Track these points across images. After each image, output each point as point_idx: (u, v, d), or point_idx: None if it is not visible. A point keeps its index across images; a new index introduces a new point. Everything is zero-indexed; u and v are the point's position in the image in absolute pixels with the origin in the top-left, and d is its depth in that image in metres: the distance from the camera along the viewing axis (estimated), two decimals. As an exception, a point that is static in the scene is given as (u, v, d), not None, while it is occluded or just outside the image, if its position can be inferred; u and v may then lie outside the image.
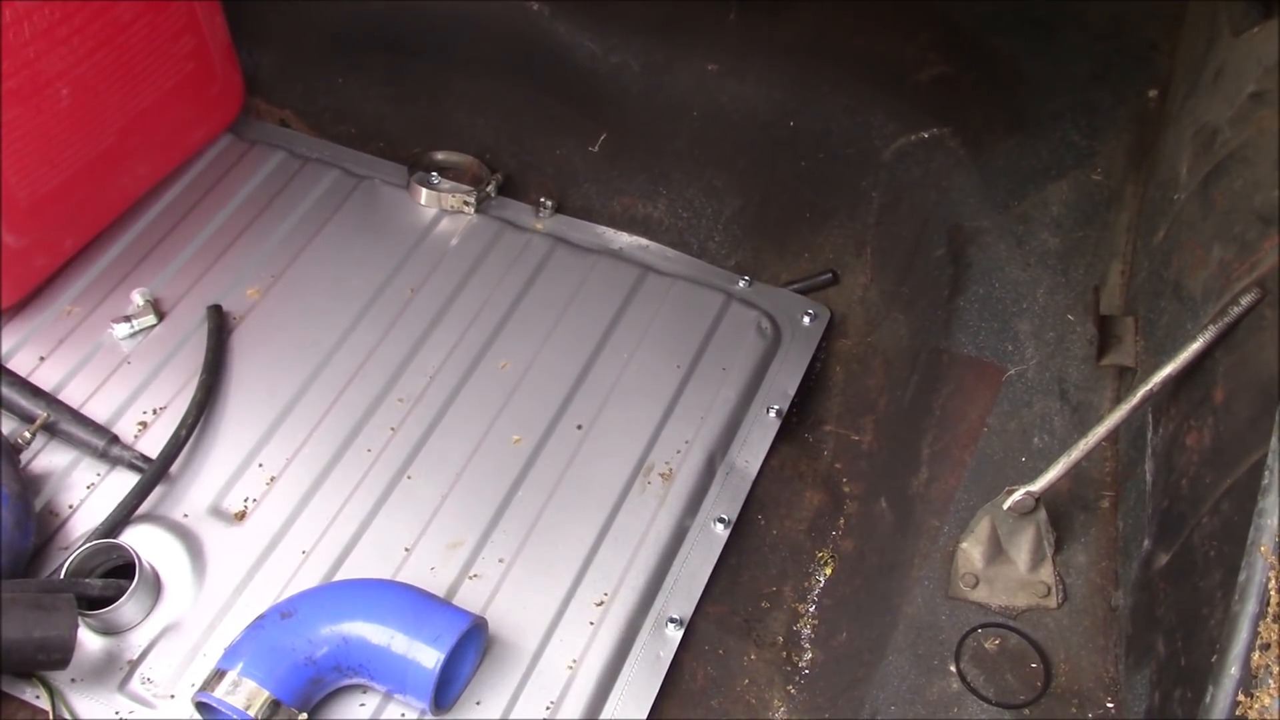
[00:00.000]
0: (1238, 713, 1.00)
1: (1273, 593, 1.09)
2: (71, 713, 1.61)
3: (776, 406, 1.98)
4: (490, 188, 2.24)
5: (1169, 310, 1.63)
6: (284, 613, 1.58)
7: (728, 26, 2.11)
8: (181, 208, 2.19)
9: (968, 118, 2.05)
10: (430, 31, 2.30)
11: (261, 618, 1.60)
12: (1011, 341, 1.85)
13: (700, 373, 2.01)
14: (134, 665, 1.66)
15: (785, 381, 2.02)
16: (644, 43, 2.15)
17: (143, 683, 1.64)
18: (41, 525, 1.77)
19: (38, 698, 1.62)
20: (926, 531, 1.77)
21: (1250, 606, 1.06)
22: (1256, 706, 0.99)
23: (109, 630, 1.68)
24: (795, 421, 2.02)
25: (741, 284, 2.15)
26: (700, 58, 2.13)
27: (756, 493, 1.91)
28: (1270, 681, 0.99)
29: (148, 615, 1.70)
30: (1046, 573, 1.68)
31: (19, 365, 1.95)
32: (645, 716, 1.66)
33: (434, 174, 2.27)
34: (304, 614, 1.58)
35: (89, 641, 1.68)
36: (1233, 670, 1.06)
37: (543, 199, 2.24)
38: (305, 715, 1.52)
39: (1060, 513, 1.73)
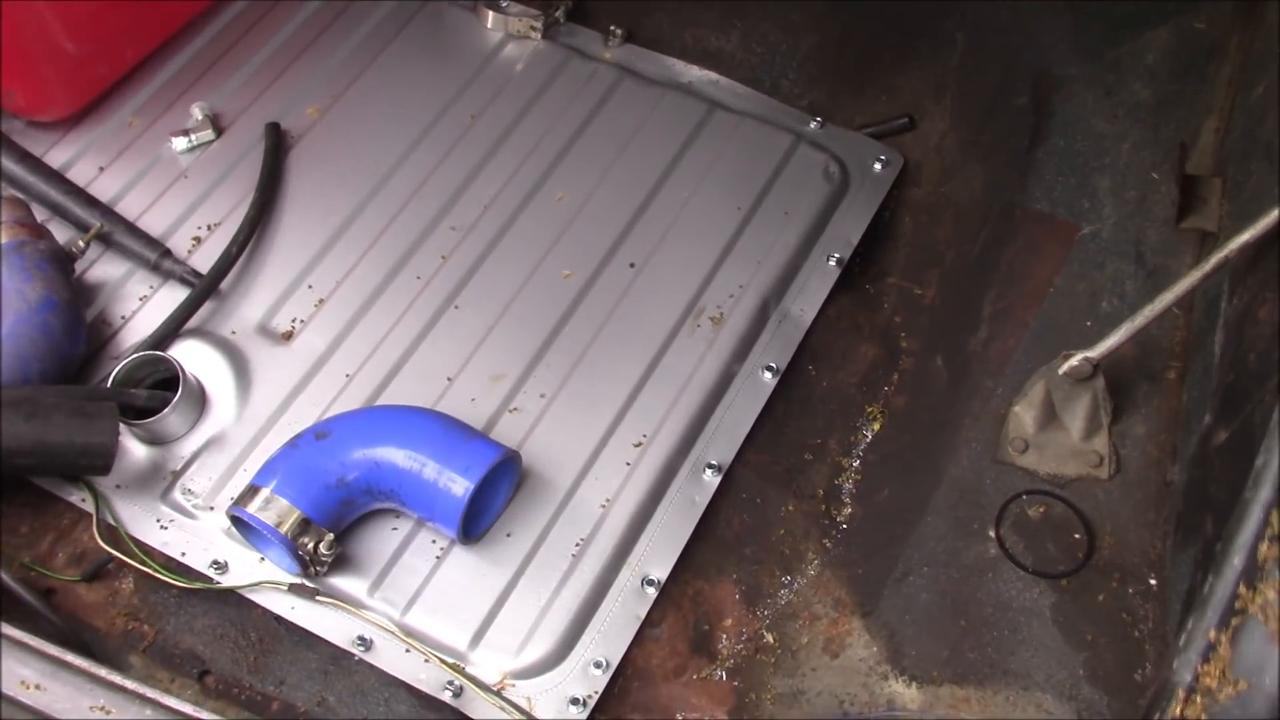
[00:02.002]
0: (1237, 605, 0.95)
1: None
2: (115, 517, 1.65)
3: (838, 255, 1.91)
4: (559, 13, 2.16)
5: (1258, 173, 1.52)
6: (319, 433, 1.59)
7: None
8: (245, 22, 2.15)
9: (1067, -45, 1.91)
10: None
11: (297, 437, 1.61)
12: (1089, 198, 1.75)
13: (761, 216, 1.94)
14: (177, 476, 1.69)
15: (849, 229, 1.94)
16: None
17: (183, 493, 1.67)
18: (93, 334, 1.79)
19: (83, 500, 1.66)
20: (980, 392, 1.72)
21: (1265, 493, 0.99)
22: (1259, 601, 0.93)
23: (154, 440, 1.71)
24: (857, 271, 1.95)
25: (813, 125, 2.05)
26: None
27: (809, 342, 1.86)
28: (1277, 574, 0.92)
29: (192, 428, 1.72)
30: (1100, 442, 1.62)
31: (78, 175, 1.95)
32: (675, 558, 1.65)
33: (502, -2, 2.20)
34: (339, 436, 1.59)
35: (134, 450, 1.71)
36: (1236, 560, 1.00)
37: (613, 27, 2.15)
38: (332, 535, 1.53)
39: (1123, 381, 1.66)
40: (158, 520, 1.66)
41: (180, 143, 1.98)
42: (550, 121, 2.04)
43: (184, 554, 1.63)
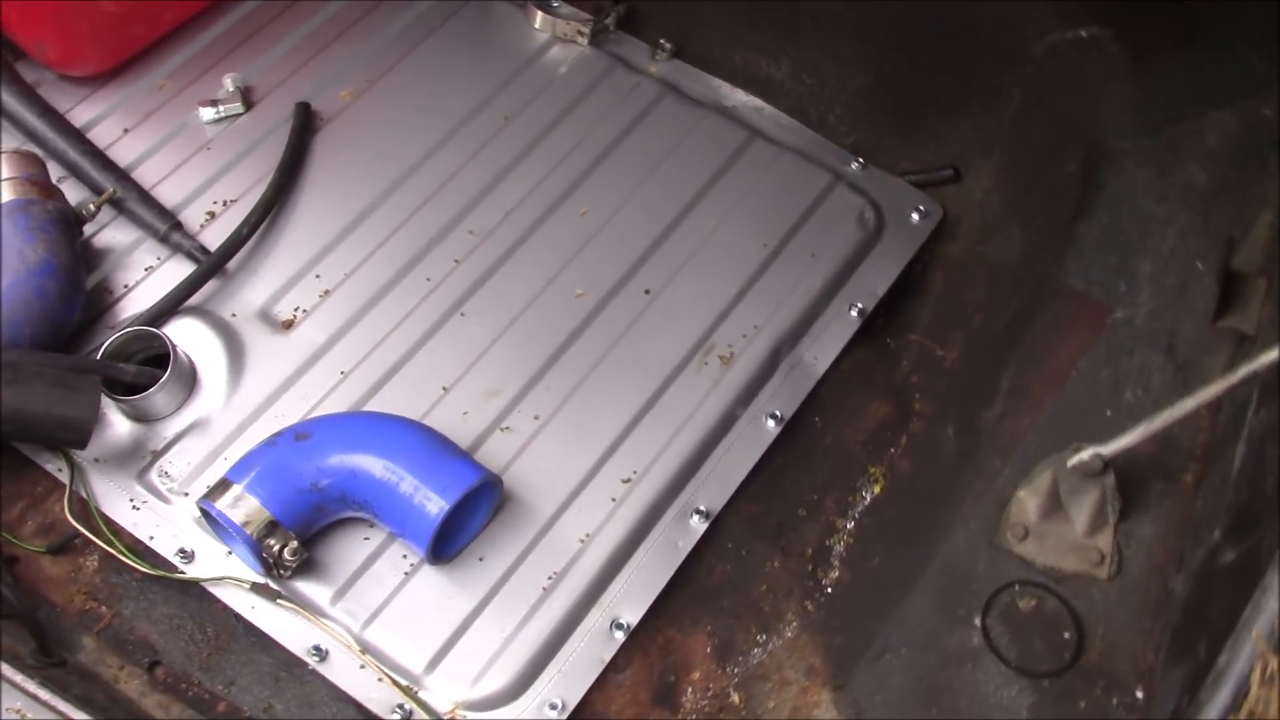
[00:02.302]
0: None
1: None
2: (88, 491, 1.62)
3: (861, 305, 1.84)
4: (610, 20, 2.10)
5: (1306, 282, 1.44)
6: (299, 434, 1.55)
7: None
8: (286, -5, 2.12)
9: (1136, 22, 1.81)
10: None
11: (277, 435, 1.57)
12: (1126, 281, 1.67)
13: (787, 255, 1.87)
14: (156, 456, 1.66)
15: (877, 279, 1.87)
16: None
17: (160, 475, 1.64)
18: (93, 301, 1.76)
19: (59, 470, 1.64)
20: (986, 470, 1.64)
21: (1263, 627, 0.92)
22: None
23: (138, 417, 1.68)
24: (879, 324, 1.88)
25: (854, 165, 1.98)
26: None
27: (819, 393, 1.79)
28: None
29: (178, 409, 1.69)
30: (1104, 539, 1.54)
31: (102, 134, 1.92)
32: (649, 603, 1.60)
33: (553, -3, 2.15)
34: (319, 439, 1.55)
35: (118, 425, 1.68)
36: (1223, 695, 0.93)
37: (662, 40, 2.09)
38: (297, 542, 1.49)
39: (1136, 476, 1.58)
40: (131, 500, 1.63)
41: (208, 113, 1.95)
42: (585, 131, 1.98)
43: (152, 538, 1.60)
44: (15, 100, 1.84)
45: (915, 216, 1.93)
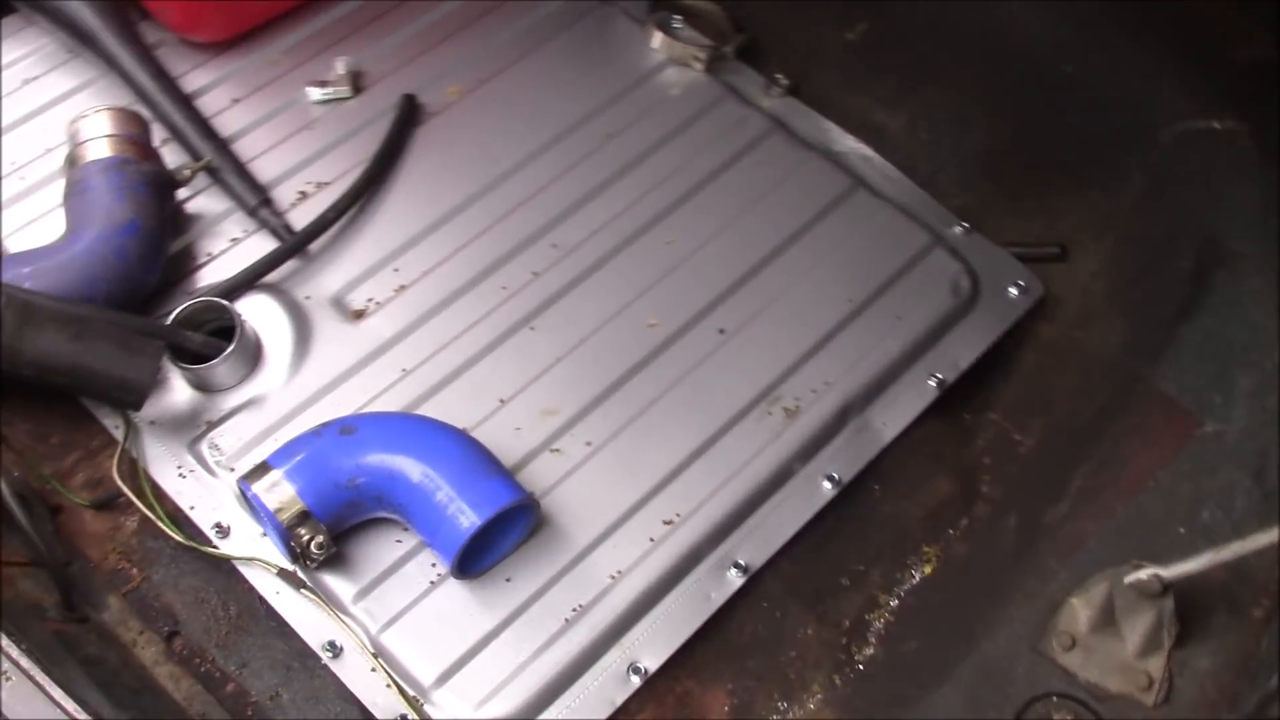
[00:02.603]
0: None
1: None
2: (139, 452, 1.64)
3: (941, 376, 1.77)
4: (729, 48, 2.06)
5: None
6: (345, 428, 1.54)
7: (1037, -61, 1.82)
8: (415, -15, 2.12)
9: (1274, 120, 1.71)
10: None
11: (324, 426, 1.56)
12: (1222, 394, 1.58)
13: (872, 313, 1.81)
14: (210, 427, 1.66)
15: (962, 351, 1.80)
16: (935, -66, 1.89)
17: (210, 447, 1.65)
18: (176, 265, 1.78)
19: (116, 428, 1.66)
20: (1042, 569, 1.57)
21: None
22: None
23: (200, 386, 1.69)
24: (958, 398, 1.81)
25: (957, 229, 1.91)
26: (993, -35, 1.86)
27: (883, 461, 1.73)
28: None
29: (239, 383, 1.69)
30: (1156, 664, 1.46)
31: (211, 102, 1.94)
32: (671, 652, 1.56)
33: (677, 17, 2.11)
34: (364, 435, 1.54)
35: (179, 391, 1.69)
36: None
37: (779, 75, 2.04)
38: (324, 536, 1.48)
39: (1202, 601, 1.49)
40: (179, 468, 1.64)
41: (315, 93, 1.96)
42: (685, 159, 1.94)
43: (193, 508, 1.60)
44: (130, 59, 1.87)
45: (1013, 291, 1.86)
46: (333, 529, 1.52)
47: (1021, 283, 1.86)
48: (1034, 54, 1.85)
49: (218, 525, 1.59)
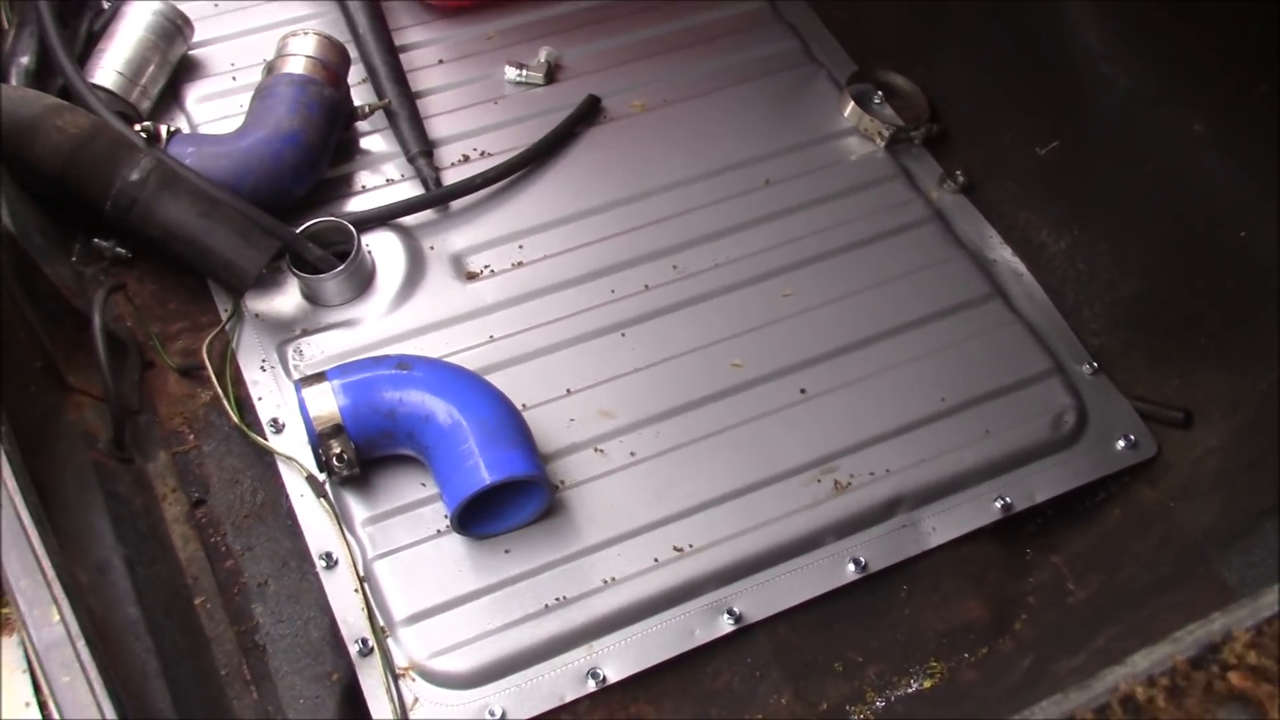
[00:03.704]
0: None
1: None
2: (237, 338, 1.77)
3: (1009, 500, 1.69)
4: (918, 134, 2.05)
5: None
6: (402, 363, 1.62)
7: (1248, 95, 1.72)
8: (638, 4, 2.20)
9: None
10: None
11: (387, 358, 1.64)
12: (1284, 598, 1.44)
13: (960, 419, 1.75)
14: (304, 335, 1.77)
15: (1041, 485, 1.72)
16: (1144, 65, 1.81)
17: (295, 352, 1.76)
18: (331, 188, 1.92)
19: (225, 311, 1.79)
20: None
21: None
22: None
23: (309, 296, 1.81)
24: (1028, 531, 1.73)
25: (1085, 368, 1.83)
26: (1195, 112, 1.77)
27: (919, 563, 1.66)
28: None
29: (344, 304, 1.80)
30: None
31: (419, 57, 2.09)
32: (636, 670, 1.54)
33: (878, 93, 2.11)
34: (416, 374, 1.60)
35: (291, 296, 1.81)
36: None
37: (958, 172, 2.01)
38: (350, 456, 1.55)
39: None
40: (263, 361, 1.75)
41: (511, 72, 2.07)
42: (834, 222, 1.94)
43: (260, 399, 1.72)
44: (359, 5, 2.03)
45: (1121, 444, 1.76)
46: (363, 452, 1.59)
47: (1133, 438, 1.76)
48: (1213, 210, 1.75)
49: (274, 420, 1.69)
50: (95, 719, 0.99)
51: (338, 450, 1.57)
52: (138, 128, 1.77)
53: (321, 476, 1.63)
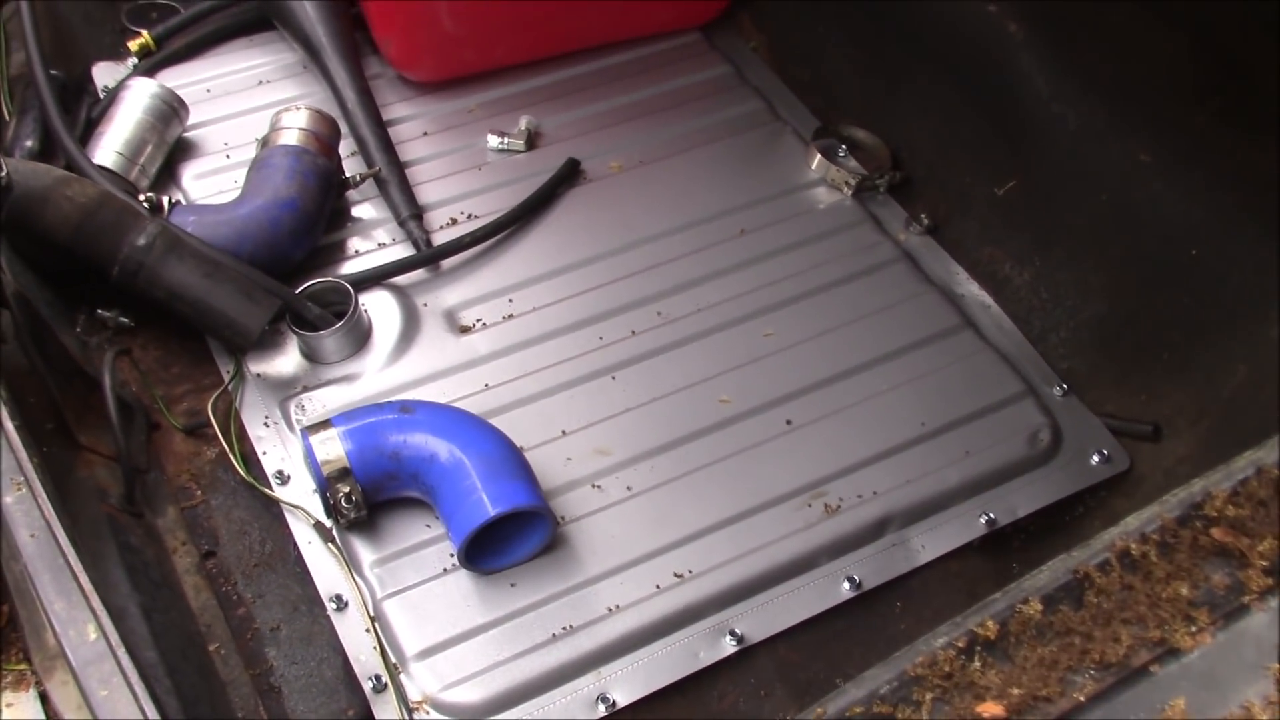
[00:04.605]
0: None
1: None
2: (239, 397, 1.82)
3: (993, 516, 1.76)
4: (882, 182, 2.15)
5: None
6: (405, 407, 1.68)
7: (1189, 123, 1.84)
8: (612, 73, 2.32)
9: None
10: (909, 18, 2.21)
11: (389, 403, 1.70)
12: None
13: (940, 442, 1.82)
14: (305, 391, 1.83)
15: (1023, 500, 1.79)
16: (1091, 103, 1.93)
17: (297, 407, 1.81)
18: (326, 254, 1.99)
19: (228, 372, 1.85)
20: None
21: None
22: None
23: (309, 354, 1.87)
24: (1014, 546, 1.79)
25: (1056, 390, 1.91)
26: (1140, 142, 1.88)
27: (911, 580, 1.72)
28: None
29: (342, 360, 1.87)
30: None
31: (404, 130, 2.18)
32: (643, 694, 1.58)
33: (842, 146, 2.22)
34: (419, 417, 1.66)
35: (290, 355, 1.88)
36: None
37: (923, 215, 2.11)
38: (358, 498, 1.60)
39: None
40: (266, 417, 1.81)
41: (494, 140, 2.17)
42: (808, 266, 2.03)
43: (264, 454, 1.77)
44: (344, 77, 2.13)
45: (1096, 458, 1.83)
46: (370, 495, 1.65)
47: (1106, 452, 1.84)
48: (1165, 233, 1.85)
49: (279, 473, 1.75)
50: (138, 717, 1.03)
51: (345, 492, 1.62)
52: (141, 198, 1.85)
53: (329, 522, 1.68)
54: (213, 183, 2.07)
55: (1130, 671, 1.02)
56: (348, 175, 2.01)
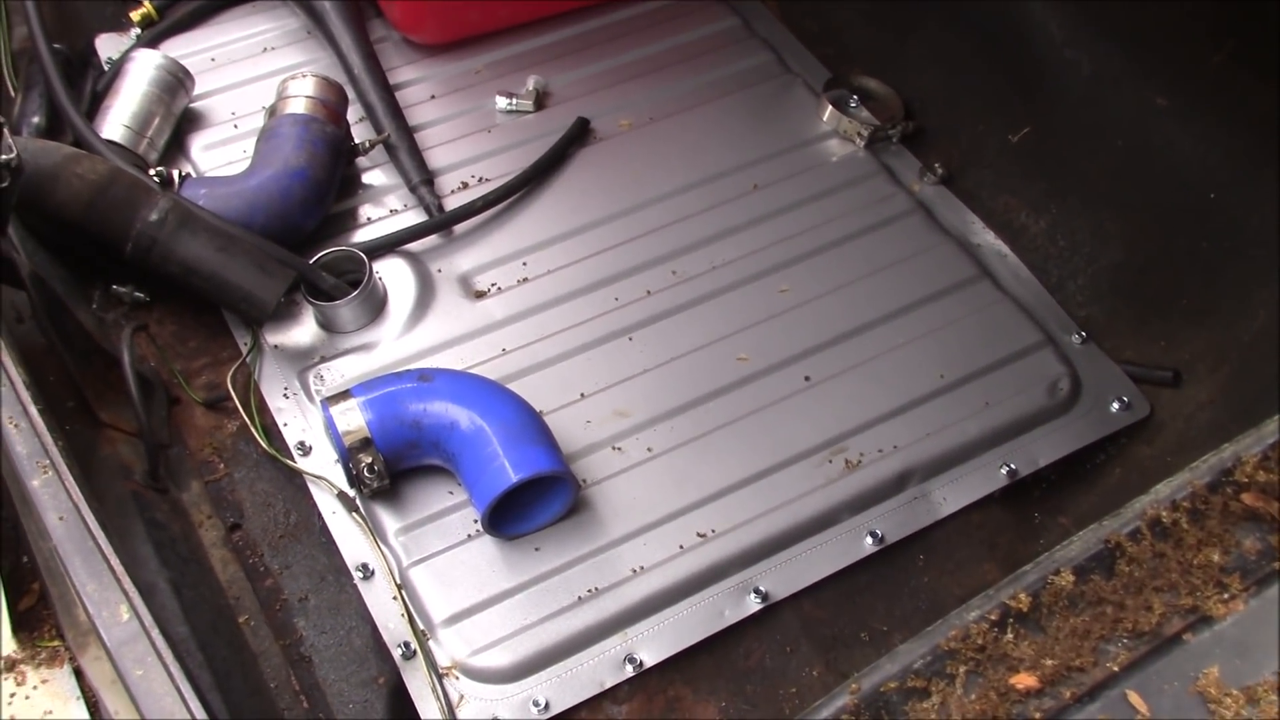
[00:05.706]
0: None
1: None
2: (258, 369, 1.83)
3: (1014, 466, 1.76)
4: (895, 131, 2.13)
5: None
6: (423, 376, 1.68)
7: (1204, 66, 1.82)
8: (618, 29, 2.29)
9: None
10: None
11: (408, 372, 1.70)
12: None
13: (960, 394, 1.82)
14: (323, 361, 1.83)
15: (1044, 450, 1.79)
16: (1105, 49, 1.91)
17: (316, 378, 1.82)
18: (338, 222, 1.99)
19: (245, 344, 1.85)
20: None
21: None
22: None
23: (325, 324, 1.87)
24: (1035, 496, 1.79)
25: (1074, 338, 1.90)
26: (1156, 86, 1.86)
27: (933, 533, 1.73)
28: None
29: (359, 329, 1.87)
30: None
31: (411, 94, 2.17)
32: (671, 653, 1.59)
33: (854, 97, 2.20)
34: (437, 385, 1.67)
35: (307, 325, 1.88)
36: None
37: (936, 165, 2.10)
38: (380, 468, 1.61)
39: None
40: (285, 388, 1.81)
41: (502, 102, 2.15)
42: (823, 220, 2.02)
43: (285, 425, 1.78)
44: (349, 42, 2.12)
45: (1115, 406, 1.83)
46: (391, 464, 1.65)
47: (1127, 399, 1.84)
48: (1182, 178, 1.84)
49: (301, 444, 1.75)
50: (173, 695, 1.04)
51: (368, 462, 1.63)
52: (151, 173, 1.85)
53: (352, 492, 1.69)
54: (222, 153, 2.06)
55: (1163, 640, 1.03)
56: (356, 142, 2.00)
